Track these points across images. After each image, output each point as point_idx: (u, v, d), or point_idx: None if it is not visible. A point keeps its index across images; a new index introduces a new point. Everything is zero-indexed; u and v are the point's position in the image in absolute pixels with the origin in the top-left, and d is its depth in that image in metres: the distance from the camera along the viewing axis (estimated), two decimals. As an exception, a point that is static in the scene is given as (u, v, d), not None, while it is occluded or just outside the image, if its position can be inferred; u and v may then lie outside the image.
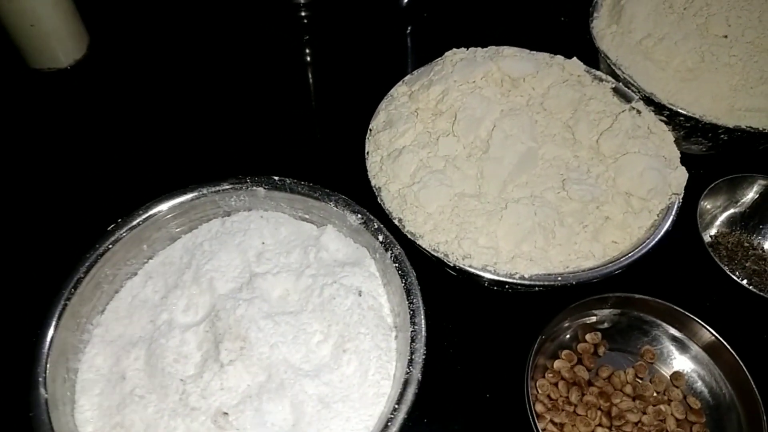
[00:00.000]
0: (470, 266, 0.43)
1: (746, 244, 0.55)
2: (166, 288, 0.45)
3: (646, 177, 0.46)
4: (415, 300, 0.42)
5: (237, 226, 0.48)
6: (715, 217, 0.55)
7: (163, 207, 0.46)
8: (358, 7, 0.81)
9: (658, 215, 0.46)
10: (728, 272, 0.47)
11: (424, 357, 0.39)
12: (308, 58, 0.75)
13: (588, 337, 0.48)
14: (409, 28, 0.81)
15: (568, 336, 0.49)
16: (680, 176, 0.47)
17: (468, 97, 0.50)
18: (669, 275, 0.51)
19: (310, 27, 0.78)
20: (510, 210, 0.45)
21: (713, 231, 0.55)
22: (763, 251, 0.54)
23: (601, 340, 0.48)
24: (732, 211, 0.55)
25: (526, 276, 0.43)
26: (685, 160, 0.50)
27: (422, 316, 0.41)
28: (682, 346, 0.47)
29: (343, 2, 0.81)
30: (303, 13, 0.79)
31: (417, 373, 0.38)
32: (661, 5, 0.59)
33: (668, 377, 0.47)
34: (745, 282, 0.50)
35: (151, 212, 0.46)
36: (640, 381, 0.46)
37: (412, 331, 0.40)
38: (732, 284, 0.47)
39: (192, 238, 0.48)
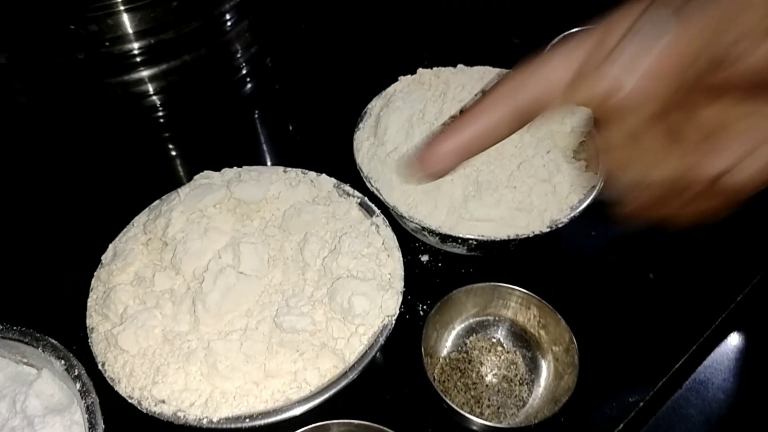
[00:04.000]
0: (161, 413, 0.43)
1: (499, 348, 0.55)
2: None
3: (354, 302, 0.47)
4: (94, 456, 0.41)
5: (-51, 376, 0.47)
6: (455, 326, 0.56)
7: None
8: (208, 100, 0.84)
9: (368, 339, 0.47)
10: (441, 394, 0.47)
11: None
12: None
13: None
14: (256, 112, 0.84)
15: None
16: (391, 299, 0.48)
17: (192, 226, 0.51)
18: (390, 398, 0.52)
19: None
20: (212, 347, 0.45)
21: (453, 339, 0.56)
22: (514, 353, 0.54)
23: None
24: (474, 319, 0.56)
25: (214, 420, 0.42)
26: (454, 259, 0.58)
27: (96, 475, 0.40)
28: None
29: (194, 101, 0.83)
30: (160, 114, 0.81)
31: None
32: (415, 115, 0.61)
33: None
34: (484, 394, 0.51)
35: None
36: None
37: (81, 492, 0.39)
38: (449, 407, 0.47)
39: None
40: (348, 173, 0.60)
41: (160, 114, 0.81)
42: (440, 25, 0.98)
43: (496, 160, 0.57)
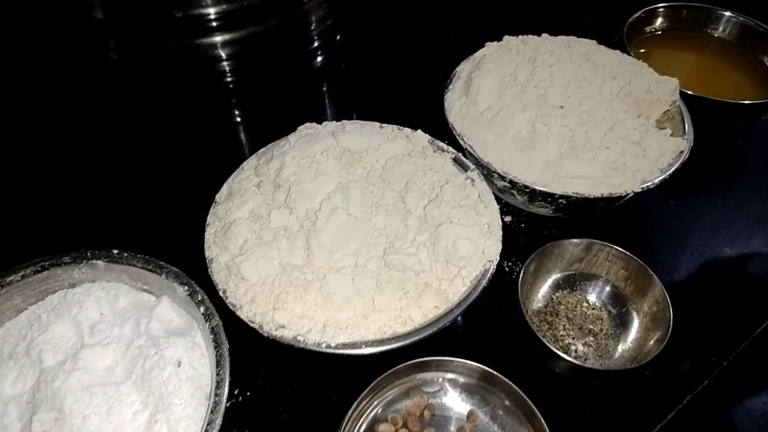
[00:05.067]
0: (281, 337, 0.45)
1: (585, 304, 0.57)
2: (1, 359, 0.47)
3: (459, 246, 0.49)
4: (221, 371, 0.44)
5: (77, 298, 0.50)
6: (545, 280, 0.58)
7: (4, 281, 0.49)
8: (277, 71, 0.86)
9: (471, 281, 0.49)
10: (540, 336, 0.49)
11: (220, 426, 0.41)
12: (237, 119, 0.79)
13: (414, 401, 0.50)
14: (325, 85, 0.86)
15: (400, 399, 0.50)
16: (493, 245, 0.50)
17: (304, 170, 0.53)
18: (487, 339, 0.54)
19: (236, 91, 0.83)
20: (327, 279, 0.48)
21: (542, 293, 0.57)
22: (600, 309, 0.56)
23: (427, 402, 0.50)
24: (562, 274, 0.58)
25: (332, 345, 0.45)
26: (537, 221, 0.58)
27: (225, 387, 0.43)
28: (507, 409, 0.49)
29: (263, 68, 0.86)
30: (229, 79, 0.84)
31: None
32: (507, 77, 0.63)
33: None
34: (572, 346, 0.53)
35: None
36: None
37: (213, 402, 0.42)
38: (546, 349, 0.49)
39: (35, 310, 0.51)
40: (436, 132, 0.62)
41: (230, 80, 0.84)
42: (514, 5, 0.99)
43: (589, 122, 0.58)
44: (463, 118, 0.61)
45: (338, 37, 0.94)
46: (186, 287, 0.49)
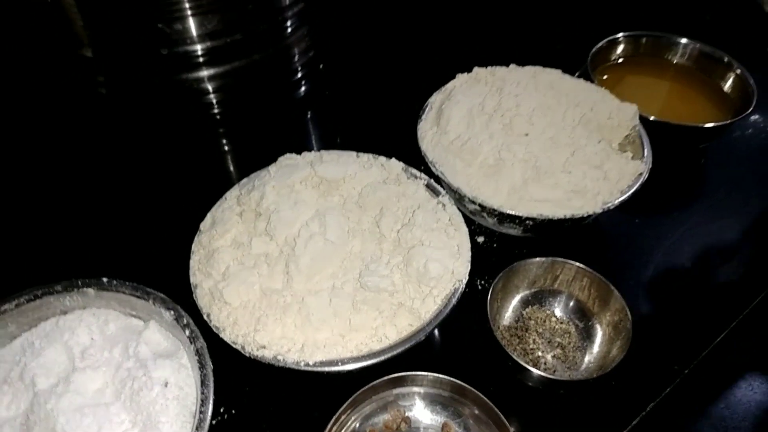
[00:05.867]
0: (263, 356, 0.48)
1: (553, 318, 0.60)
2: (-4, 385, 0.50)
3: (429, 267, 0.52)
4: (206, 390, 0.46)
5: (69, 324, 0.53)
6: (513, 297, 0.61)
7: (-1, 309, 0.52)
8: (262, 101, 0.90)
9: (441, 300, 0.52)
10: (508, 351, 0.52)
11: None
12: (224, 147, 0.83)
13: (391, 414, 0.53)
14: (309, 113, 0.90)
15: (377, 413, 0.53)
16: (462, 265, 0.54)
17: (283, 199, 0.57)
18: (459, 354, 0.57)
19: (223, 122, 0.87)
20: (306, 302, 0.51)
21: (512, 309, 0.61)
22: (567, 323, 0.60)
23: (404, 416, 0.53)
24: (529, 291, 0.61)
25: (310, 363, 0.48)
26: (508, 241, 0.63)
27: (210, 405, 0.46)
28: (478, 420, 0.51)
29: (249, 99, 0.90)
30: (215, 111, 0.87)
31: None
32: (475, 108, 0.67)
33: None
34: (541, 359, 0.56)
35: (-15, 315, 0.51)
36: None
37: (198, 419, 0.45)
38: (513, 362, 0.52)
39: (28, 337, 0.53)
40: (410, 159, 0.66)
41: (216, 111, 0.87)
42: (489, 37, 1.04)
43: (551, 148, 0.62)
44: (435, 147, 0.65)
45: (321, 67, 0.99)
46: (172, 312, 0.51)
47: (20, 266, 0.66)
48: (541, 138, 0.63)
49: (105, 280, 0.54)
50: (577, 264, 0.58)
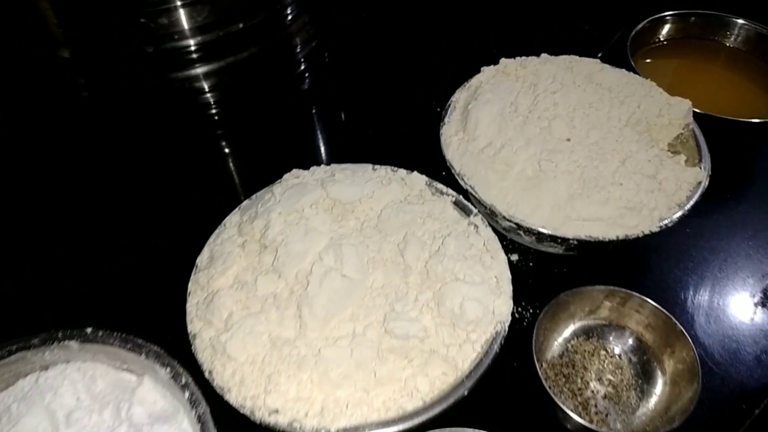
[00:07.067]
0: (276, 423, 0.41)
1: (603, 351, 0.53)
2: (-32, 460, 0.43)
3: (466, 308, 0.44)
4: (209, 466, 0.39)
5: (50, 383, 0.46)
6: (560, 332, 0.53)
7: (-34, 369, 0.45)
8: (264, 97, 0.82)
9: (481, 346, 0.45)
10: (558, 401, 0.45)
11: None
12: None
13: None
14: (314, 107, 0.82)
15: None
16: (504, 303, 0.46)
17: (292, 228, 0.49)
18: (498, 400, 0.50)
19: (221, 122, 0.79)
20: (323, 354, 0.43)
21: (557, 342, 0.53)
22: (619, 357, 0.52)
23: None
24: (582, 323, 0.54)
25: (332, 430, 0.41)
26: (546, 259, 0.55)
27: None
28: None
29: (250, 95, 0.81)
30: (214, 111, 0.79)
31: None
32: (507, 108, 0.58)
33: None
34: (591, 400, 0.49)
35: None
36: None
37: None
38: (563, 413, 0.45)
39: (4, 399, 0.46)
40: (432, 165, 0.58)
41: (214, 111, 0.79)
42: (506, 14, 0.95)
43: (598, 156, 0.54)
44: (462, 155, 0.56)
45: (326, 58, 0.90)
46: (168, 368, 0.44)
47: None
48: (585, 143, 0.55)
49: (89, 330, 0.46)
50: (640, 296, 0.50)
